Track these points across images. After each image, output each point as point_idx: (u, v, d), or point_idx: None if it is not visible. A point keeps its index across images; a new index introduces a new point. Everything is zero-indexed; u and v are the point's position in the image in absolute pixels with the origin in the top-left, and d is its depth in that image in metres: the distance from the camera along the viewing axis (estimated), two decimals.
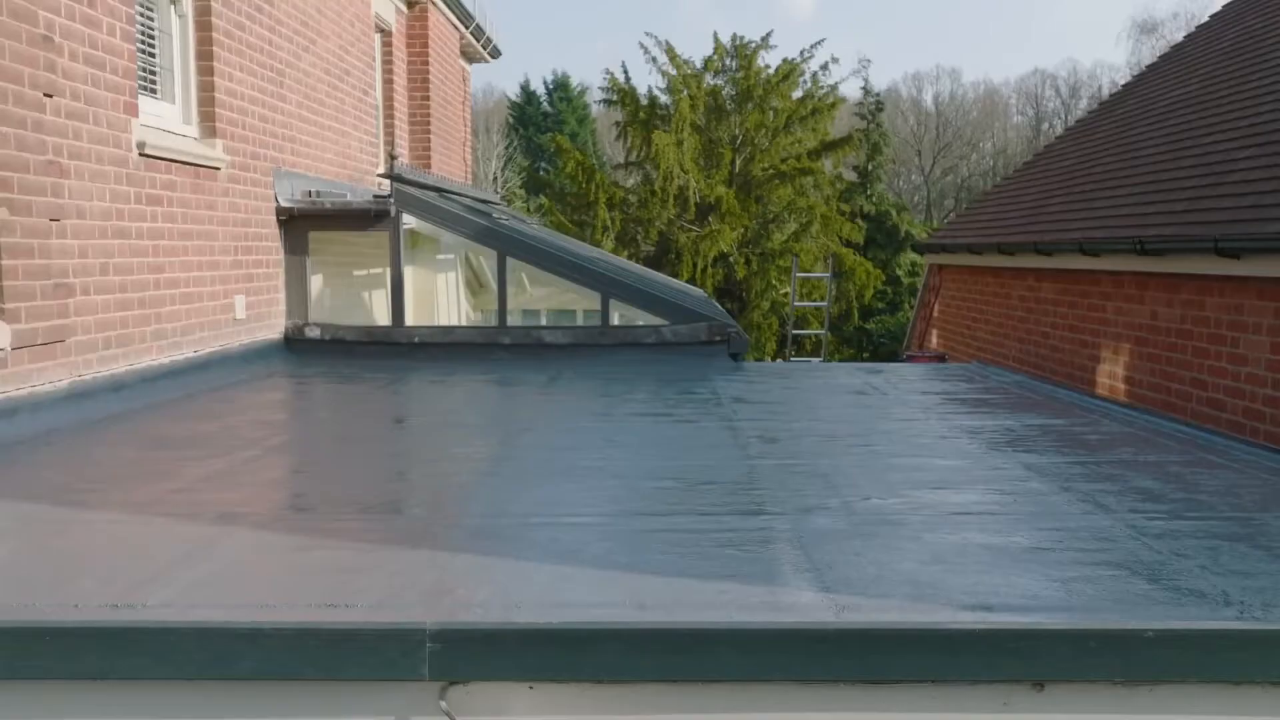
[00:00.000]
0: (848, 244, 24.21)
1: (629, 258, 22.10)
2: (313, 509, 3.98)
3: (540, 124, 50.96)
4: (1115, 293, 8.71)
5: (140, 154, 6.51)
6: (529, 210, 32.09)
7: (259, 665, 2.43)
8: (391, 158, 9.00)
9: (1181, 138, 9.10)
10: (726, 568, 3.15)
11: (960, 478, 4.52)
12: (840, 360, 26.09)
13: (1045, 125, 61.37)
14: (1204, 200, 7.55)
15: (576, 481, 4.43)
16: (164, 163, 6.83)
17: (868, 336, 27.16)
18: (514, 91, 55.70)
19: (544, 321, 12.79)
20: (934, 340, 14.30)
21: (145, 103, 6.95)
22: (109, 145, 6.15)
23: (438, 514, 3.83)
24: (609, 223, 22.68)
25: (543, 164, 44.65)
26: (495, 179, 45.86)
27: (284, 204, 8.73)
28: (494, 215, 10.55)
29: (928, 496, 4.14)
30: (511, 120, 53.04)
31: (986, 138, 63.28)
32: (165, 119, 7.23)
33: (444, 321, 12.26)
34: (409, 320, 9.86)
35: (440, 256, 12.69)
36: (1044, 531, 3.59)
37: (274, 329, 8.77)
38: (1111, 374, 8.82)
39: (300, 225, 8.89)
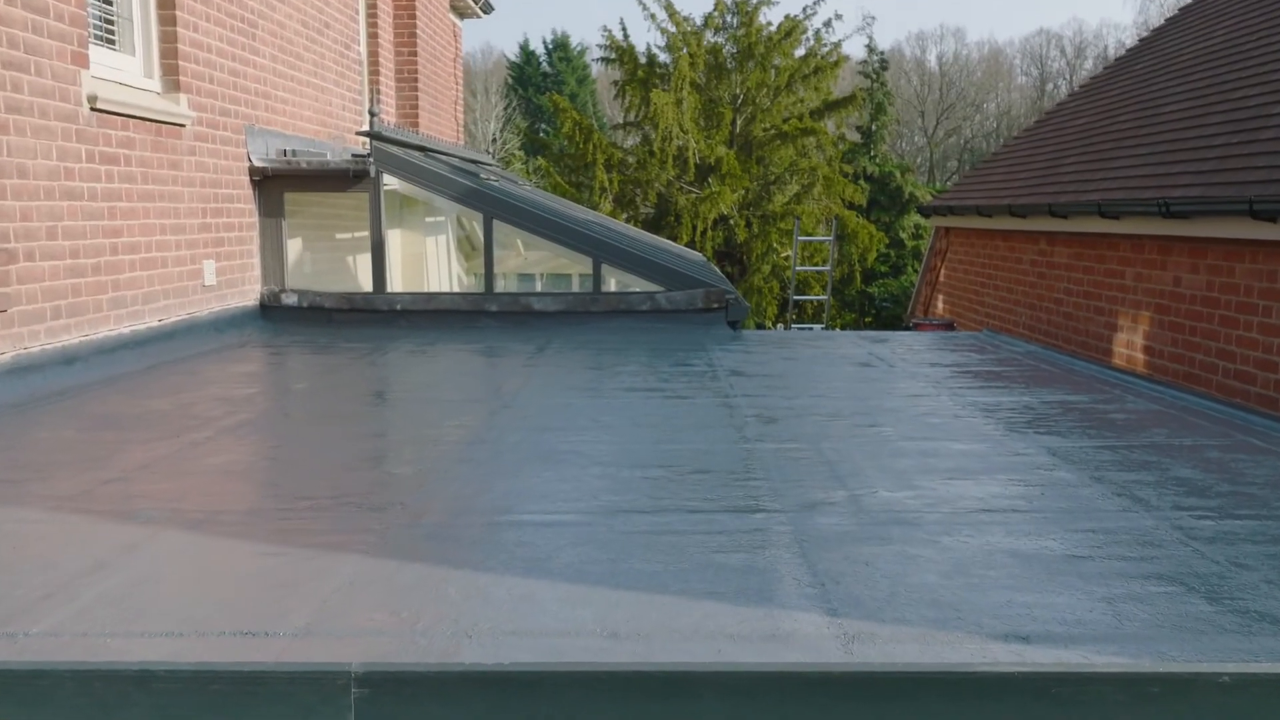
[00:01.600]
0: (850, 206, 23.65)
1: (628, 220, 21.59)
2: (256, 505, 3.56)
3: (540, 84, 50.13)
4: (1135, 257, 8.25)
5: (92, 109, 6.03)
6: (527, 172, 31.52)
7: (149, 715, 2.02)
8: (371, 114, 8.51)
9: (1207, 93, 8.60)
10: (717, 582, 2.73)
11: (978, 465, 4.09)
12: (842, 325, 25.63)
13: (1050, 86, 60.49)
14: (1234, 159, 7.07)
15: (555, 469, 4.01)
16: (120, 118, 6.35)
17: (870, 301, 26.67)
18: (513, 51, 54.88)
19: (538, 288, 12.34)
20: (939, 306, 13.84)
21: (100, 54, 6.46)
22: (54, 99, 5.67)
23: (395, 511, 3.41)
24: (607, 184, 22.10)
25: (542, 125, 43.97)
26: (494, 140, 45.18)
27: (257, 164, 8.25)
28: (482, 176, 10.07)
29: (944, 488, 3.71)
30: (510, 81, 52.20)
31: (990, 99, 62.39)
32: (124, 72, 6.74)
33: (436, 288, 11.81)
34: (392, 286, 9.43)
35: (430, 219, 12.22)
36: (1079, 534, 3.16)
37: (248, 296, 8.32)
38: (1129, 343, 8.38)
39: (275, 186, 8.42)
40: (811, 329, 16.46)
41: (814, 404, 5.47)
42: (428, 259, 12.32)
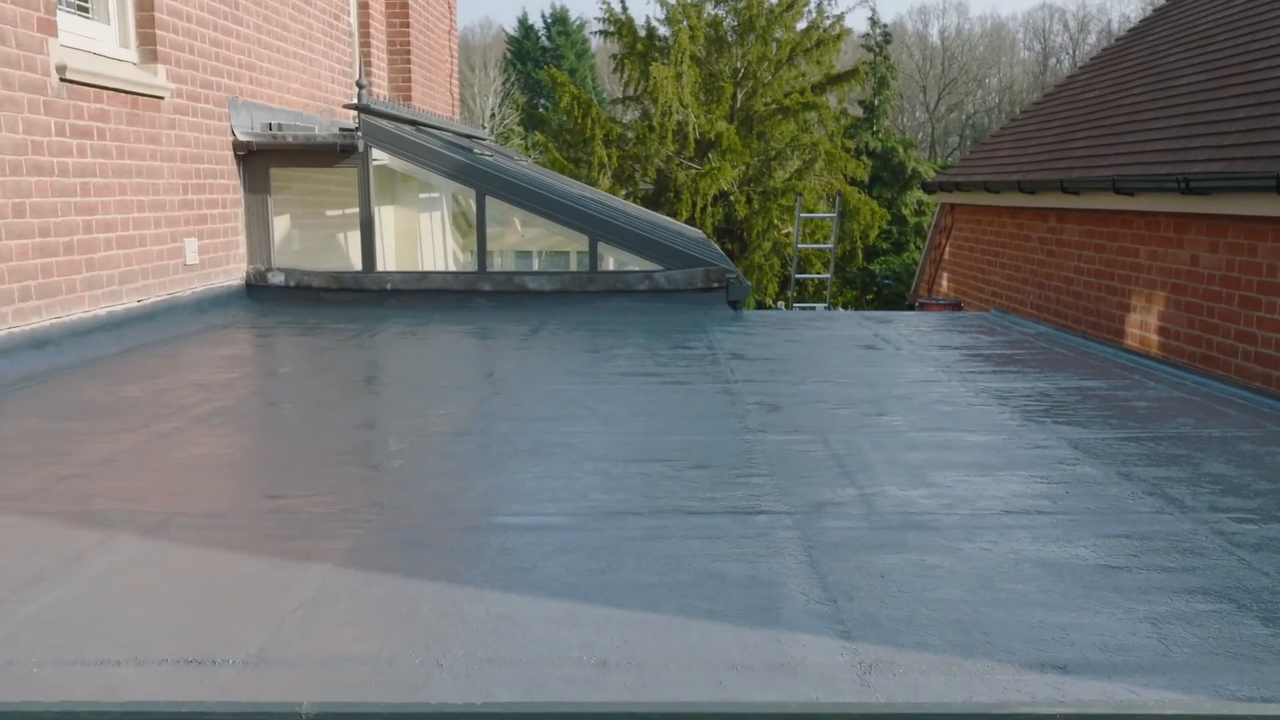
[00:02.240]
0: (852, 182, 23.28)
1: (626, 196, 21.25)
2: (220, 506, 3.30)
3: (539, 59, 49.57)
4: (1149, 235, 7.98)
5: (61, 79, 5.74)
6: (526, 148, 31.14)
7: None
8: (359, 86, 8.20)
9: (1226, 64, 8.30)
10: (717, 598, 2.48)
11: (996, 459, 3.84)
12: (843, 303, 25.34)
13: (1052, 61, 59.96)
14: (1259, 133, 6.78)
15: (545, 463, 3.75)
16: (92, 89, 6.06)
17: (871, 278, 26.34)
18: (511, 25, 54.30)
19: (535, 266, 12.05)
20: (944, 284, 13.56)
21: (71, 22, 6.16)
22: (19, 68, 5.38)
23: (370, 514, 3.16)
24: (606, 160, 21.74)
25: (541, 101, 43.48)
26: (492, 116, 44.71)
27: (241, 138, 7.96)
28: (476, 151, 9.77)
29: (961, 486, 3.46)
30: (509, 55, 51.65)
31: (993, 74, 61.83)
32: (97, 41, 6.44)
33: (431, 266, 11.52)
34: (382, 265, 9.16)
35: (424, 195, 11.92)
36: (1111, 539, 2.91)
37: (234, 275, 8.05)
38: (1143, 324, 8.11)
39: (260, 161, 8.13)
40: (814, 308, 16.18)
41: (818, 390, 5.21)
42: (422, 237, 12.04)
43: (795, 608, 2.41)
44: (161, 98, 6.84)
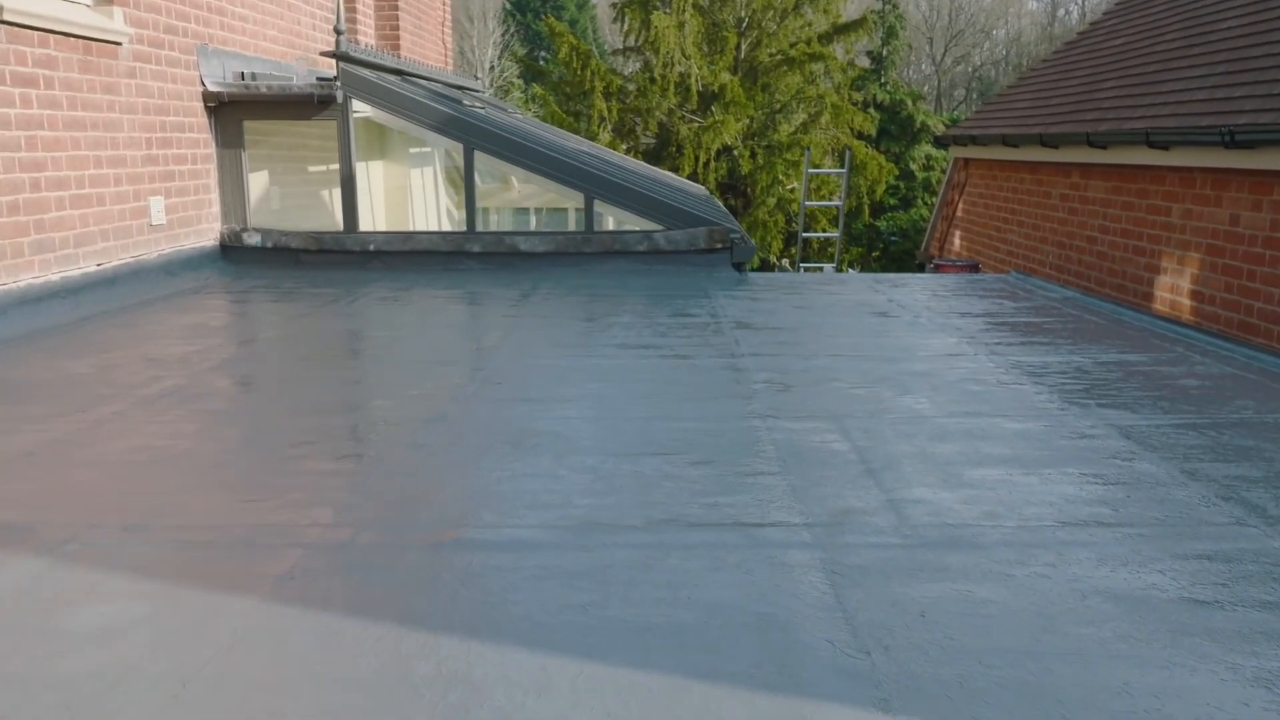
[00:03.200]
0: (859, 136, 22.63)
1: (627, 151, 20.65)
2: (140, 519, 2.83)
3: (538, 10, 48.52)
4: (1184, 192, 7.46)
5: (0, 21, 5.22)
6: (525, 101, 30.42)
7: None
8: (337, 33, 7.65)
9: (1273, 6, 7.72)
10: (723, 647, 2.02)
11: (1039, 452, 3.37)
12: (850, 261, 24.79)
13: (1061, 12, 58.75)
14: None
15: (526, 458, 3.29)
16: (37, 34, 5.54)
17: (878, 235, 25.75)
18: None
19: (532, 225, 11.52)
20: (956, 242, 13.03)
21: None
22: None
23: (316, 526, 2.70)
24: (606, 113, 21.11)
25: (541, 53, 42.65)
26: (491, 69, 43.85)
27: (211, 88, 7.42)
28: (465, 103, 9.23)
29: (1004, 488, 2.99)
30: (508, 6, 50.61)
31: (1000, 25, 60.65)
32: None
33: (424, 226, 10.99)
34: (365, 225, 8.65)
35: (415, 150, 11.36)
36: (1191, 562, 2.44)
37: (206, 235, 7.55)
38: (1174, 287, 7.62)
39: (232, 113, 7.60)
40: (821, 269, 15.63)
41: (832, 366, 4.73)
42: (413, 194, 11.49)
43: (819, 662, 1.95)
44: (119, 44, 6.30)
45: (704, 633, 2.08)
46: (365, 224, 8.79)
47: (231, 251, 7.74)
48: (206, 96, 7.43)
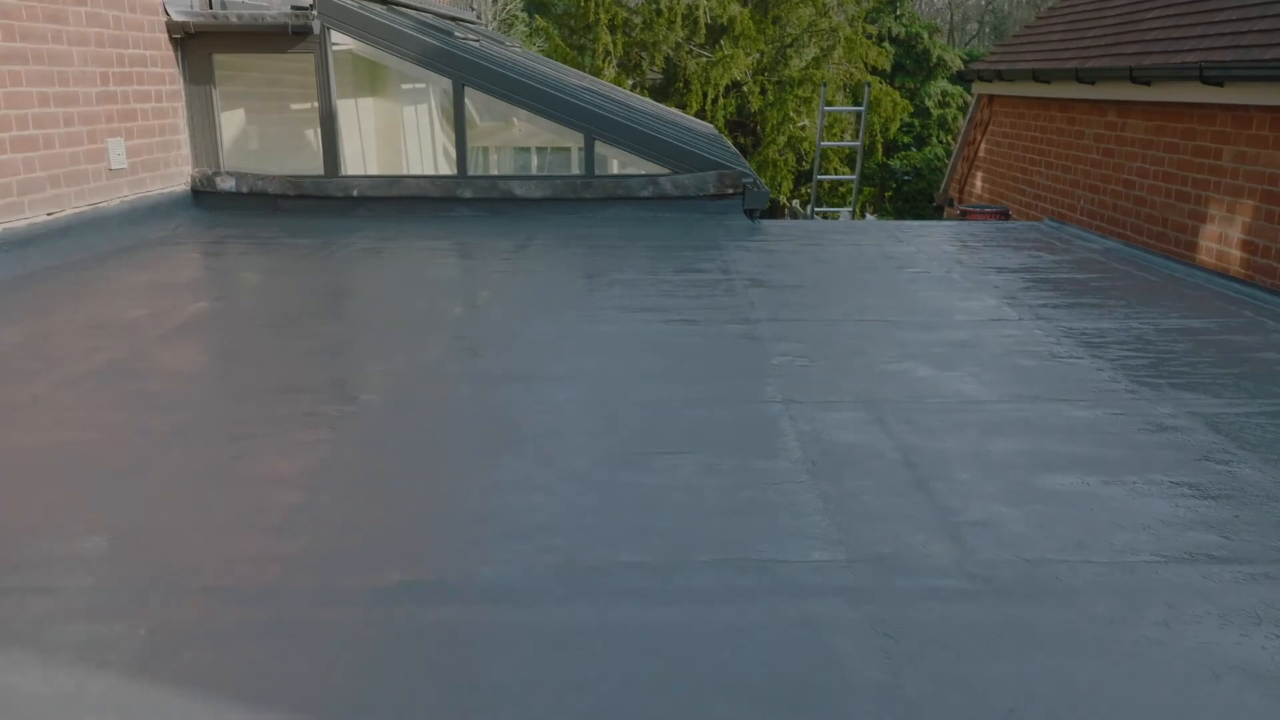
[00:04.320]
0: (873, 71, 21.77)
1: (633, 87, 19.89)
2: (10, 553, 2.31)
3: None
4: (1237, 133, 6.84)
5: None
6: (529, 35, 29.48)
7: None
8: None
9: None
10: None
11: (1116, 450, 2.83)
12: (862, 203, 24.05)
13: None
14: None
15: (504, 461, 2.76)
16: None
17: (891, 174, 24.97)
18: None
19: (534, 168, 10.86)
20: (978, 184, 12.38)
21: None
22: None
23: (235, 569, 2.18)
24: (611, 47, 20.28)
25: None
26: (494, 0, 42.68)
27: (176, 18, 6.79)
28: (456, 35, 8.57)
29: (1084, 505, 2.46)
30: None
31: None
32: None
33: (417, 169, 10.34)
34: (353, 168, 8.06)
35: (407, 87, 10.69)
36: None
37: (175, 180, 6.97)
38: (1222, 237, 7.03)
39: (201, 46, 6.98)
40: (838, 214, 14.95)
41: (860, 334, 4.18)
42: (405, 136, 10.84)
43: None
44: None
45: None
46: (354, 167, 8.20)
47: (204, 197, 7.16)
48: (171, 27, 6.80)
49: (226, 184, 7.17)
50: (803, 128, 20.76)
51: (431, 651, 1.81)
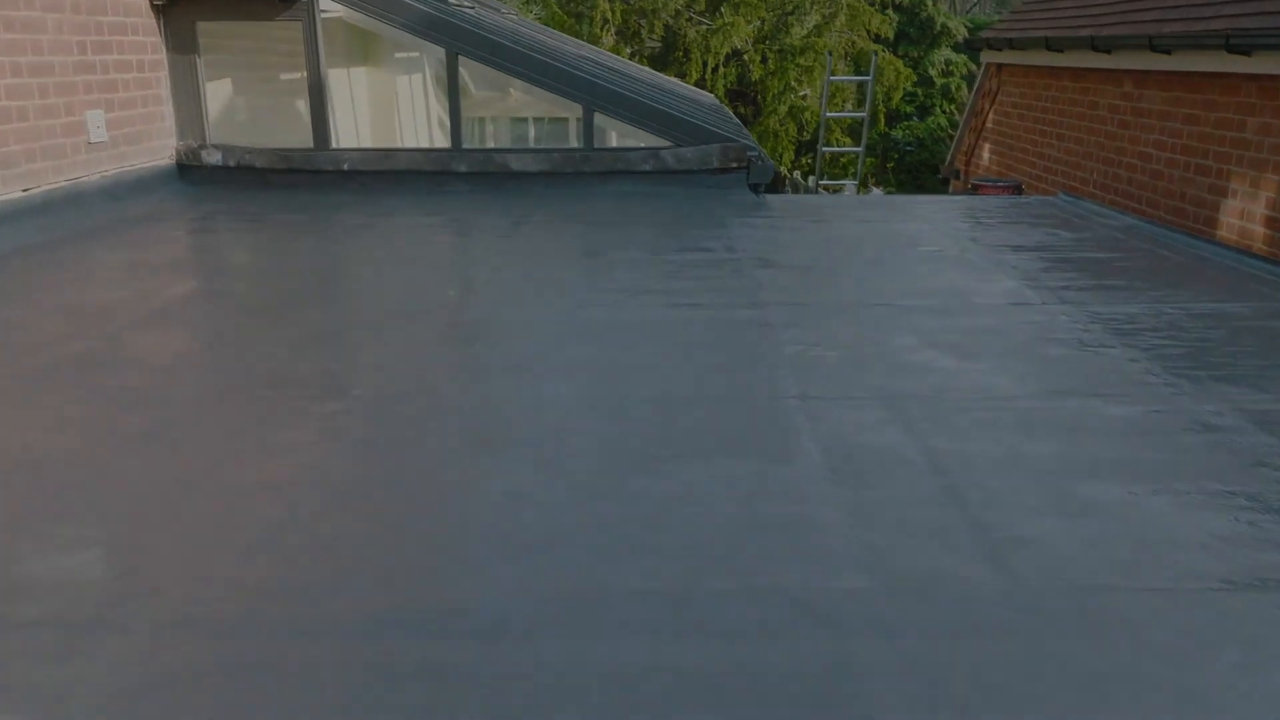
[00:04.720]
0: (876, 39, 21.41)
1: (631, 56, 19.53)
2: None
3: None
4: (1263, 105, 6.59)
5: None
6: (525, 3, 29.01)
7: None
8: None
9: None
10: None
11: (1161, 455, 2.61)
12: (866, 172, 23.72)
13: None
14: None
15: (498, 467, 2.54)
16: None
17: (893, 144, 24.62)
18: None
19: (531, 139, 10.58)
20: (985, 156, 12.11)
21: None
22: None
23: (194, 601, 1.97)
24: (609, 15, 19.90)
25: None
26: None
27: None
28: (450, 1, 8.28)
29: (1133, 519, 2.24)
30: None
31: None
32: None
33: (412, 141, 10.06)
34: (345, 140, 7.79)
35: (402, 55, 10.38)
36: None
37: (159, 153, 6.72)
38: (1244, 213, 6.79)
39: (183, 13, 6.70)
40: (843, 187, 14.65)
41: (875, 320, 3.95)
42: (399, 108, 10.54)
43: None
44: None
45: None
46: (345, 140, 7.93)
47: (189, 171, 6.91)
48: None
49: (212, 158, 6.92)
50: (804, 97, 20.43)
51: (385, 708, 1.60)
